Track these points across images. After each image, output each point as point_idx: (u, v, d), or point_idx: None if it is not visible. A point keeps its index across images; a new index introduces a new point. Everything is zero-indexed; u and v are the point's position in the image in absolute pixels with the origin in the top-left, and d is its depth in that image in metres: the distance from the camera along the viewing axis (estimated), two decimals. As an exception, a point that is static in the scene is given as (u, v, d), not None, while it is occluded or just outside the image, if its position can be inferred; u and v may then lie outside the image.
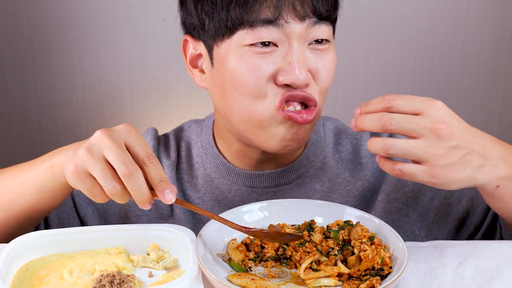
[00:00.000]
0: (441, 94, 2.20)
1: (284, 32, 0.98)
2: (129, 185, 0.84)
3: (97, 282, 0.82)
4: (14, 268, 0.87)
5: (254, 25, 0.98)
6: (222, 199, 1.15)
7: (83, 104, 2.23)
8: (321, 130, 1.19)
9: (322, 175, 1.16)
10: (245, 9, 0.97)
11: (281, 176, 1.14)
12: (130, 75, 2.19)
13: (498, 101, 2.22)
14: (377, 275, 0.83)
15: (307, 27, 0.99)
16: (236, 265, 0.89)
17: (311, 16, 0.98)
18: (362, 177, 1.17)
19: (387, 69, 2.17)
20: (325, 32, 1.01)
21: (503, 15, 2.11)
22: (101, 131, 0.87)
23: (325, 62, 1.02)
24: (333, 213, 0.97)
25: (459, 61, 2.17)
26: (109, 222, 1.18)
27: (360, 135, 1.20)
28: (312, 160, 1.16)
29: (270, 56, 0.99)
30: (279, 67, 0.99)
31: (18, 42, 2.16)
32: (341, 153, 1.18)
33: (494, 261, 0.93)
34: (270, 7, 0.97)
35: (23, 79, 2.21)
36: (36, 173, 0.99)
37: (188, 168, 1.19)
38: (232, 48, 1.00)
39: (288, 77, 0.98)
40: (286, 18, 0.97)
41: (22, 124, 2.26)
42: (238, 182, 1.14)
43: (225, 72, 1.02)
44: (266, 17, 0.97)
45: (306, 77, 0.98)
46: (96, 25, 2.13)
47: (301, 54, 0.99)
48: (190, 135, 1.22)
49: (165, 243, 0.94)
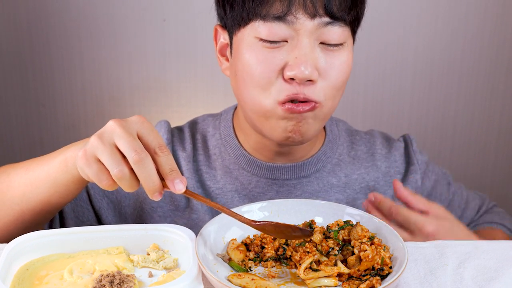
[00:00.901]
0: (441, 94, 2.21)
1: (294, 28, 1.00)
2: (139, 172, 0.83)
3: (97, 282, 0.82)
4: (14, 268, 0.87)
5: (265, 19, 1.00)
6: (242, 190, 1.17)
7: (83, 104, 2.23)
8: (335, 129, 1.24)
9: (339, 170, 1.20)
10: (258, 2, 1.00)
11: (301, 169, 1.17)
12: (130, 75, 2.19)
13: (498, 101, 2.22)
14: (377, 275, 0.83)
15: (317, 26, 1.00)
16: (236, 265, 0.89)
17: (322, 14, 0.99)
18: (375, 178, 1.22)
19: (387, 69, 2.17)
20: (337, 34, 1.01)
21: (503, 15, 2.11)
22: (114, 120, 0.88)
23: (335, 62, 1.03)
24: (333, 213, 0.97)
25: (459, 62, 2.17)
26: (124, 214, 1.19)
27: (373, 140, 1.26)
28: (329, 156, 1.20)
29: (279, 50, 1.01)
30: (286, 61, 1.01)
31: (18, 42, 2.16)
32: (357, 151, 1.23)
33: (494, 261, 0.93)
34: (282, 2, 0.99)
35: (23, 79, 2.21)
36: (50, 166, 0.99)
37: (206, 159, 1.20)
38: (245, 38, 1.03)
39: (293, 71, 0.99)
40: (296, 15, 0.99)
41: (22, 124, 2.26)
42: (258, 174, 1.17)
43: (238, 62, 1.05)
44: (277, 13, 0.99)
45: (312, 72, 1.00)
46: (96, 25, 2.13)
47: (310, 50, 1.00)
48: (206, 128, 1.24)
49: (165, 243, 0.94)
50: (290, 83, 1.01)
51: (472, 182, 2.32)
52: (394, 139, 1.29)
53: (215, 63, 2.17)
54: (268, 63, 1.01)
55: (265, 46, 1.01)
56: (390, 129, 2.23)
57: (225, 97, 2.19)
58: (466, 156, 2.29)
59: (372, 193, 1.06)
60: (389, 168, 1.24)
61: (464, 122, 2.25)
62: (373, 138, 1.27)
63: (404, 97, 2.22)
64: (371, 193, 1.06)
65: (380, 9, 2.11)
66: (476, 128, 2.25)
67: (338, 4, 1.00)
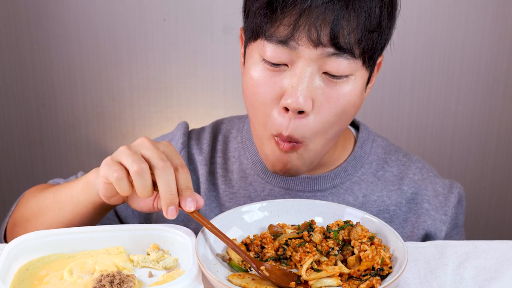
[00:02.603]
0: (441, 94, 2.21)
1: (296, 54, 0.95)
2: (160, 177, 0.87)
3: (97, 282, 0.82)
4: (14, 268, 0.87)
5: (269, 40, 0.96)
6: (255, 197, 1.15)
7: (83, 104, 2.23)
8: (368, 146, 1.18)
9: (358, 189, 1.15)
10: (266, 21, 0.96)
11: (316, 182, 1.14)
12: (130, 75, 2.19)
13: (498, 101, 2.22)
14: (377, 275, 0.83)
15: (320, 55, 0.94)
16: (236, 265, 0.89)
17: (326, 44, 0.93)
18: (398, 203, 1.16)
19: (387, 68, 2.17)
20: (343, 66, 0.95)
21: (503, 15, 2.11)
22: (144, 137, 0.92)
23: (333, 95, 0.97)
24: (333, 213, 0.97)
25: (459, 61, 2.17)
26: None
27: (409, 164, 1.19)
28: (350, 173, 1.16)
29: (279, 75, 0.97)
30: (285, 89, 0.97)
31: (18, 42, 2.16)
32: (386, 172, 1.18)
33: (494, 261, 0.93)
34: (286, 26, 0.94)
35: (23, 79, 2.21)
36: (73, 188, 1.02)
37: (224, 162, 1.19)
38: (253, 54, 1.01)
39: (288, 99, 0.96)
40: (298, 41, 0.94)
41: (22, 124, 2.26)
42: (273, 182, 1.15)
43: (246, 76, 1.03)
44: (280, 36, 0.95)
45: (305, 103, 0.95)
46: (96, 25, 2.13)
47: (309, 79, 0.95)
48: (230, 129, 1.23)
49: (165, 243, 0.94)
50: (284, 114, 0.98)
51: (472, 182, 2.32)
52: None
53: (215, 63, 2.18)
54: (269, 87, 0.98)
55: (268, 68, 0.98)
56: (390, 130, 2.24)
57: (225, 97, 2.19)
58: (466, 156, 2.29)
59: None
60: (417, 195, 1.16)
61: (464, 122, 2.25)
62: (410, 162, 1.20)
63: (404, 97, 2.22)
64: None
65: (380, 9, 2.11)
66: (476, 128, 2.25)
67: (346, 35, 0.93)
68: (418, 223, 1.14)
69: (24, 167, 2.29)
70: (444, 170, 2.28)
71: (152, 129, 2.27)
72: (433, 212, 1.15)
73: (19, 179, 2.31)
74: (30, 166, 2.28)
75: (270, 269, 0.86)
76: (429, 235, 1.14)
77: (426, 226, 1.14)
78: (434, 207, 1.15)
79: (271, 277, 0.85)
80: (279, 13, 0.94)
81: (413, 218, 1.15)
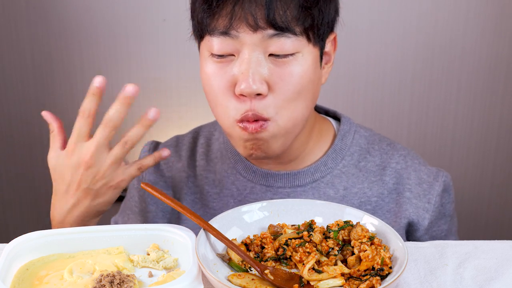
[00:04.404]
0: (441, 94, 2.21)
1: (239, 42, 0.99)
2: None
3: (97, 282, 0.82)
4: (14, 268, 0.87)
5: (212, 34, 1.00)
6: (237, 195, 1.17)
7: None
8: (349, 138, 1.19)
9: (338, 182, 1.16)
10: (205, 16, 1.00)
11: (296, 177, 1.15)
12: (130, 75, 2.19)
13: (498, 101, 2.22)
14: (377, 275, 0.83)
15: (262, 39, 0.98)
16: (236, 265, 0.89)
17: (265, 27, 0.97)
18: (379, 194, 1.16)
19: (387, 69, 2.17)
20: (286, 45, 0.99)
21: (503, 15, 2.11)
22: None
23: (285, 73, 1.00)
24: (333, 213, 0.97)
25: (459, 61, 2.17)
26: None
27: (392, 153, 1.19)
28: (330, 166, 1.16)
29: (228, 65, 1.01)
30: (236, 77, 1.00)
31: (18, 42, 2.16)
32: (368, 162, 1.18)
33: (494, 261, 0.93)
34: (224, 17, 0.98)
35: (23, 79, 2.21)
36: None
37: (207, 164, 1.21)
38: (202, 51, 1.05)
39: (241, 86, 0.99)
40: (237, 29, 0.98)
41: (22, 124, 2.26)
42: (254, 180, 1.16)
43: (202, 74, 1.07)
44: (221, 28, 0.99)
45: (259, 86, 0.98)
46: (96, 25, 2.13)
47: (256, 64, 0.98)
48: (212, 131, 1.25)
49: (165, 243, 0.94)
50: (243, 100, 1.00)
51: (472, 182, 2.32)
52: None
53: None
54: (221, 78, 1.01)
55: (216, 61, 1.02)
56: (390, 129, 2.24)
57: (225, 97, 2.19)
58: (466, 156, 2.29)
59: None
60: (399, 185, 1.16)
61: (464, 122, 2.24)
62: (393, 151, 1.19)
63: (404, 97, 2.21)
64: None
65: (380, 9, 2.11)
66: (476, 128, 2.25)
67: (282, 15, 0.97)
68: (400, 212, 1.14)
69: (24, 167, 2.29)
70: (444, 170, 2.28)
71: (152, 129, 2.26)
72: (415, 200, 1.15)
73: (19, 179, 2.31)
74: (30, 166, 2.28)
75: (274, 272, 0.86)
76: (411, 223, 1.14)
77: (408, 214, 1.14)
78: (417, 195, 1.15)
79: (276, 281, 0.85)
80: (215, 5, 0.98)
81: (396, 208, 1.15)
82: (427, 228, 1.15)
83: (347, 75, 2.15)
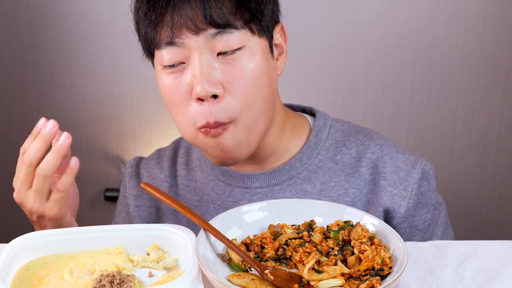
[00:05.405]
0: (441, 94, 2.21)
1: (186, 48, 1.00)
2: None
3: (97, 282, 0.82)
4: (14, 268, 0.87)
5: (159, 47, 1.02)
6: (217, 200, 1.18)
7: (83, 104, 2.23)
8: (324, 132, 1.19)
9: (315, 177, 1.16)
10: (149, 31, 1.02)
11: (272, 176, 1.16)
12: (130, 75, 2.19)
13: (498, 101, 2.22)
14: (377, 275, 0.83)
15: (206, 40, 0.99)
16: (236, 265, 0.89)
17: (206, 28, 0.98)
18: (357, 185, 1.16)
19: (387, 69, 2.17)
20: (231, 41, 1.00)
21: (503, 15, 2.11)
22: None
23: (236, 70, 1.01)
24: (333, 213, 0.97)
25: (459, 61, 2.17)
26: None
27: (368, 143, 1.18)
28: (305, 162, 1.16)
29: (181, 74, 1.02)
30: (190, 84, 1.01)
31: (18, 42, 2.16)
32: (344, 155, 1.18)
33: (494, 261, 0.93)
34: (166, 28, 1.00)
35: (23, 79, 2.21)
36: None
37: (187, 173, 1.22)
38: (156, 67, 1.06)
39: (196, 91, 0.99)
40: (181, 36, 0.99)
41: (22, 124, 2.26)
42: (232, 183, 1.17)
43: (160, 90, 1.07)
44: (165, 39, 1.00)
45: (214, 88, 0.99)
46: (95, 25, 2.13)
47: (206, 66, 0.99)
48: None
49: (165, 243, 0.94)
50: (201, 104, 1.01)
51: (472, 182, 2.32)
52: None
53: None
54: (178, 89, 1.02)
55: (169, 72, 1.03)
56: (390, 129, 2.24)
57: (225, 97, 2.19)
58: (466, 156, 2.29)
59: None
60: (375, 175, 1.15)
61: (464, 122, 2.25)
62: (370, 141, 1.18)
63: (404, 97, 2.22)
64: None
65: (380, 9, 2.11)
66: (476, 128, 2.25)
67: (218, 12, 0.98)
68: (376, 201, 1.14)
69: (24, 167, 2.28)
70: (444, 170, 2.28)
71: (152, 129, 2.27)
72: (390, 188, 1.14)
73: (19, 179, 2.30)
74: (30, 166, 2.28)
75: (274, 272, 0.86)
76: (387, 211, 1.13)
77: (383, 202, 1.13)
78: (392, 183, 1.14)
79: (276, 281, 0.85)
80: (154, 18, 1.00)
81: (374, 198, 1.15)
82: (404, 216, 1.14)
83: (347, 74, 2.16)
